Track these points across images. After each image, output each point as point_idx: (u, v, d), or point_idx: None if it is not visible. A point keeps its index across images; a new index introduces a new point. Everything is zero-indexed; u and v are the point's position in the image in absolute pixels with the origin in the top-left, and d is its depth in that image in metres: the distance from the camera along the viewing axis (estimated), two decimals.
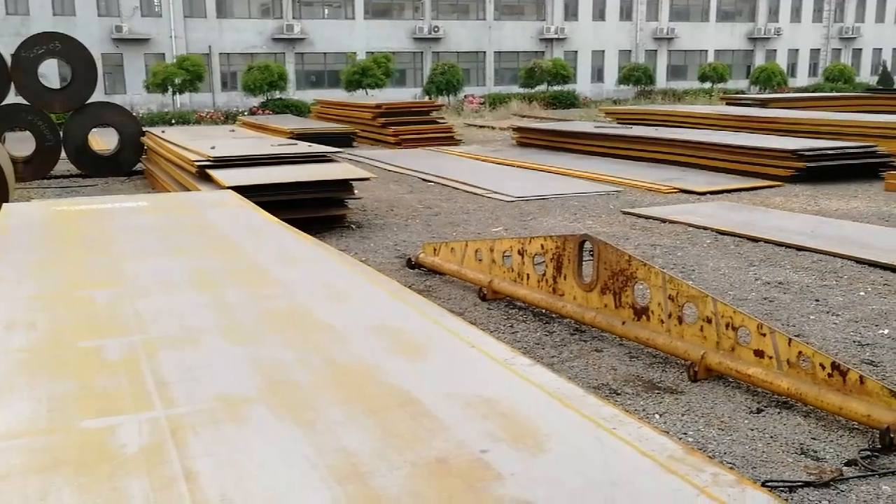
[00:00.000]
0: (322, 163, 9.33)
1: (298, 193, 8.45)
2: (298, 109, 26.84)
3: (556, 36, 44.28)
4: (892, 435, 3.45)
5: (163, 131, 12.96)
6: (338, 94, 29.27)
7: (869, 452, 3.46)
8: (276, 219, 5.87)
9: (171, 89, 27.94)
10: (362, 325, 3.17)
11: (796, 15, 51.21)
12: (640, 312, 4.77)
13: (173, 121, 25.26)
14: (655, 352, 4.72)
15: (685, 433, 3.71)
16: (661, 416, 3.92)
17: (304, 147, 9.97)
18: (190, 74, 27.38)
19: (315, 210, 8.61)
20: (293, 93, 34.46)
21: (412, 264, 6.82)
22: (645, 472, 1.76)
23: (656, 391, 4.24)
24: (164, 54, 35.64)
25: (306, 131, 16.22)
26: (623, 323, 4.86)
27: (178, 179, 9.93)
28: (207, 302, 3.60)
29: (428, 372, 2.59)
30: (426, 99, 29.61)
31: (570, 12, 45.17)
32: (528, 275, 5.64)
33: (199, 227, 5.58)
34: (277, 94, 28.88)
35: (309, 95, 31.32)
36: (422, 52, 42.02)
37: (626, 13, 46.60)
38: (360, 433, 2.21)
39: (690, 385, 4.29)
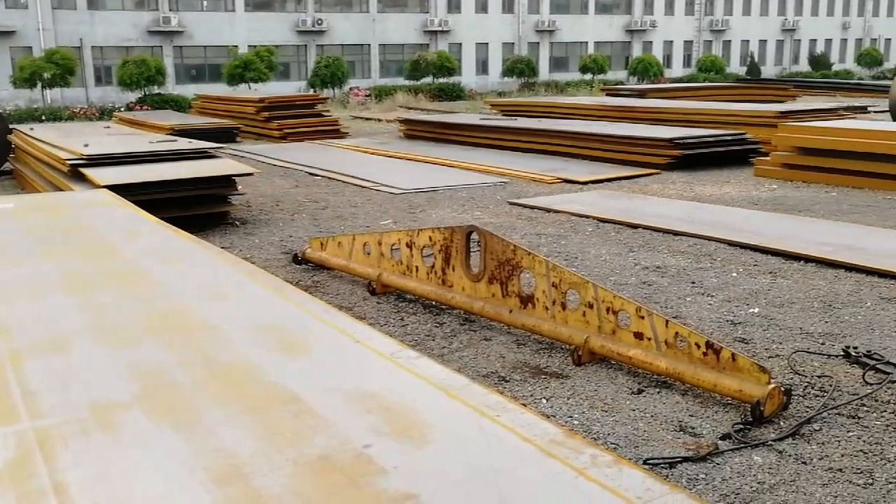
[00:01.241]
0: (204, 159, 9.07)
1: (179, 191, 8.19)
2: (179, 105, 26.00)
3: (440, 28, 44.50)
4: (762, 408, 3.63)
5: (31, 128, 12.32)
6: (220, 89, 28.51)
7: (742, 426, 3.63)
8: (154, 217, 5.67)
9: (40, 84, 26.60)
10: (244, 324, 3.10)
11: (670, 8, 53.13)
12: (526, 300, 4.85)
13: (43, 117, 24.05)
14: (542, 338, 4.81)
15: (571, 416, 3.79)
16: (547, 400, 4.00)
17: (184, 143, 9.67)
18: (60, 69, 26.11)
19: (197, 208, 8.37)
20: (172, 87, 33.39)
21: (299, 260, 6.72)
22: (526, 458, 1.78)
23: (543, 376, 4.32)
24: (31, 47, 33.90)
25: (187, 127, 15.75)
26: (510, 311, 4.93)
27: (49, 180, 9.46)
28: (80, 305, 3.44)
29: (311, 369, 2.56)
30: (311, 92, 29.21)
31: (454, 5, 45.47)
32: (417, 267, 5.64)
33: (72, 228, 5.33)
34: (156, 89, 27.91)
35: (189, 90, 30.42)
36: (305, 45, 41.46)
37: (508, 6, 47.25)
38: (241, 433, 2.16)
39: (575, 369, 4.39)
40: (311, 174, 12.45)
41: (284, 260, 7.00)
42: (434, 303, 5.56)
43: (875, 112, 18.61)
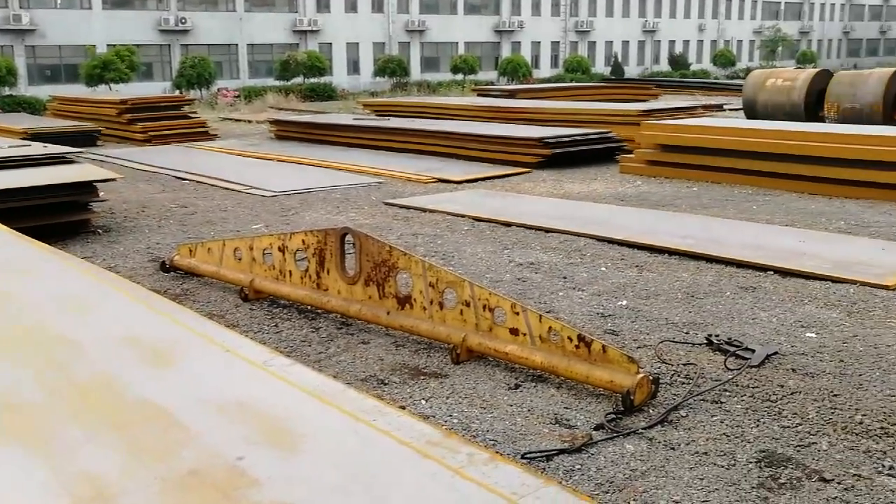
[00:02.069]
0: (60, 164, 8.60)
1: (32, 199, 7.74)
2: (32, 107, 24.63)
3: (309, 28, 43.96)
4: (632, 397, 3.75)
5: None
6: (78, 90, 27.15)
7: (614, 415, 3.74)
8: (5, 228, 5.33)
9: None
10: (106, 337, 2.94)
11: (536, 9, 54.39)
12: (404, 301, 4.84)
13: None
14: (420, 338, 4.81)
15: (450, 415, 3.80)
16: (427, 401, 4.00)
17: (38, 148, 9.13)
18: None
19: (53, 216, 7.93)
20: (25, 89, 31.60)
21: (167, 267, 6.47)
22: (403, 460, 1.77)
23: (422, 377, 4.32)
24: None
25: (42, 131, 14.93)
26: (388, 313, 4.91)
27: None
28: None
29: (179, 381, 2.45)
30: (176, 93, 28.29)
31: (323, 4, 45.01)
32: (290, 271, 5.54)
33: None
34: (7, 91, 26.34)
35: (44, 91, 28.82)
36: (169, 45, 40.07)
37: (377, 5, 47.17)
38: (106, 452, 2.05)
39: (454, 368, 4.42)
40: (178, 178, 12.04)
41: (152, 268, 6.73)
42: (309, 307, 5.47)
43: (730, 110, 19.60)
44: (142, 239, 7.95)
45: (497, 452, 3.28)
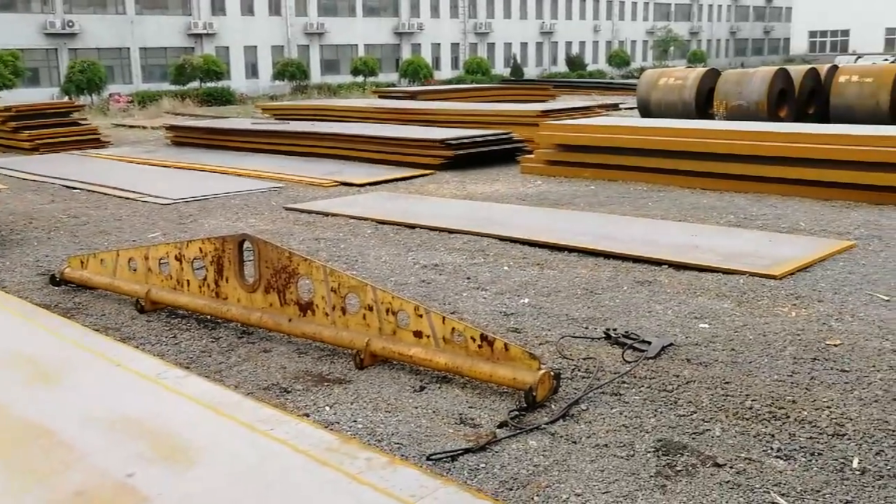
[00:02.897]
0: None
1: None
2: None
3: (204, 31, 43.01)
4: (534, 393, 3.81)
5: None
6: None
7: (517, 412, 3.78)
8: None
9: None
10: None
11: (435, 11, 54.67)
12: (306, 308, 4.78)
13: None
14: (324, 345, 4.76)
15: (355, 421, 3.77)
16: (331, 407, 3.95)
17: None
18: None
19: None
20: None
21: (57, 281, 6.22)
22: (300, 469, 1.75)
23: (326, 383, 4.28)
24: None
25: None
26: (290, 320, 4.84)
27: None
28: None
29: (66, 399, 2.36)
30: (65, 99, 27.23)
31: (218, 7, 44.10)
32: (188, 281, 5.40)
33: None
34: None
35: None
36: (56, 49, 38.53)
37: (275, 8, 46.54)
38: None
39: (358, 373, 4.39)
40: (68, 188, 11.59)
41: (41, 282, 6.45)
42: (209, 317, 5.34)
43: (626, 109, 20.15)
44: (30, 252, 7.61)
45: (402, 456, 3.28)
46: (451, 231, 7.90)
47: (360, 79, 41.46)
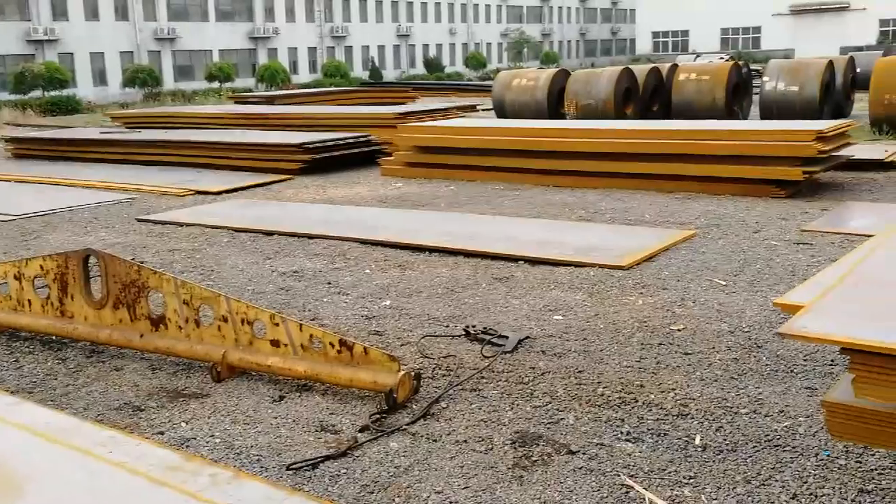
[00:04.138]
0: None
1: None
2: None
3: (45, 37, 40.79)
4: (395, 395, 3.83)
5: None
6: None
7: (378, 415, 3.80)
8: None
9: None
10: None
11: (291, 15, 53.97)
12: (158, 322, 4.63)
13: None
14: (179, 359, 4.62)
15: (213, 435, 3.69)
16: (187, 423, 3.85)
17: None
18: None
19: None
20: None
21: None
22: (135, 492, 1.69)
23: (182, 399, 4.15)
24: None
25: None
26: (141, 336, 4.67)
27: None
28: None
29: None
30: None
31: (59, 12, 41.92)
32: (29, 301, 5.11)
33: None
34: None
35: None
36: None
37: (122, 12, 44.70)
38: None
39: (216, 386, 4.29)
40: None
41: None
42: (55, 337, 5.08)
43: (483, 110, 20.52)
44: None
45: (261, 468, 3.23)
46: (310, 236, 7.83)
47: (215, 84, 40.41)
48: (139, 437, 2.13)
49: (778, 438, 3.46)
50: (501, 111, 17.47)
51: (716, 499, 3.03)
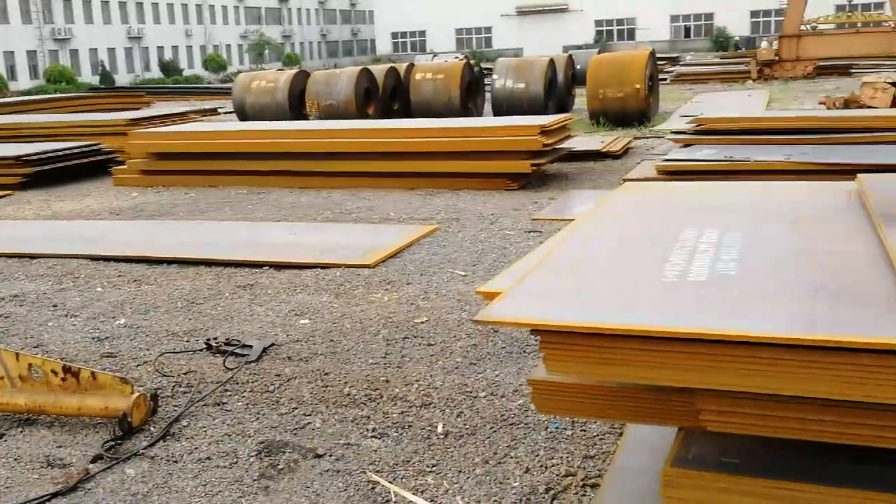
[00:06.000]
0: None
1: None
2: None
3: None
4: (129, 419, 3.61)
5: None
6: None
7: (112, 442, 3.56)
8: None
9: None
10: None
11: (3, 15, 49.32)
12: None
13: None
14: None
15: None
16: None
17: None
18: None
19: None
20: None
21: None
22: None
23: None
24: None
25: None
26: None
27: None
28: None
29: None
30: None
31: None
32: None
33: None
34: None
35: None
36: None
37: None
38: None
39: None
40: None
41: None
42: None
43: (225, 113, 19.95)
44: None
45: None
46: (33, 256, 7.18)
47: None
48: None
49: (512, 417, 3.66)
50: (243, 114, 17.08)
51: (457, 482, 3.14)
